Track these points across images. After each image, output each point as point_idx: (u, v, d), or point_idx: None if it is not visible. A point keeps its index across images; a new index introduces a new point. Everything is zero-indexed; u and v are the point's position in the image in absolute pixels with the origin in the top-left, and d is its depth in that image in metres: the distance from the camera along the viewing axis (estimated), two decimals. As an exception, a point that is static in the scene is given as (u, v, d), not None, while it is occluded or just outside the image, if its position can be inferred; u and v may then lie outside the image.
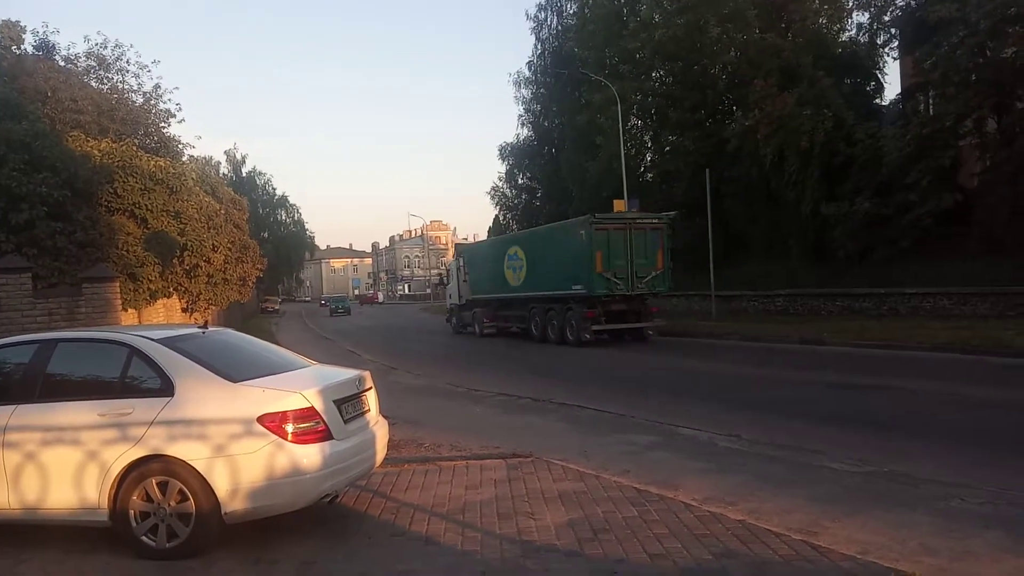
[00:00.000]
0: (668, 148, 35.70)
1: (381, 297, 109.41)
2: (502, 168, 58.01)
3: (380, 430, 6.14)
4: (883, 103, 31.35)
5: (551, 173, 48.81)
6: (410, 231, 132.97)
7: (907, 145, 23.77)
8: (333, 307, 66.11)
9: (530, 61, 51.17)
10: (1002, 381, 12.28)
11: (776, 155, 27.60)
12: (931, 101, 25.95)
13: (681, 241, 33.82)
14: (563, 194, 45.95)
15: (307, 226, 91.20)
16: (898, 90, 30.73)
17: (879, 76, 31.66)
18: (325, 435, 5.17)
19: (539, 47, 49.98)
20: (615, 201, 31.99)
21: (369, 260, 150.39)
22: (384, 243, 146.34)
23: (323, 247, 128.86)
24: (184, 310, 19.63)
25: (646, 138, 38.80)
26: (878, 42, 30.82)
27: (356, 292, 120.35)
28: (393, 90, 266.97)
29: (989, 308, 22.00)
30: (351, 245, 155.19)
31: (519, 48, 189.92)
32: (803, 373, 14.24)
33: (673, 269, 24.24)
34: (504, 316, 26.94)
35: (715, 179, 29.36)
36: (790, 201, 27.95)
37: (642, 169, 38.37)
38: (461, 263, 30.84)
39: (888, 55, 31.20)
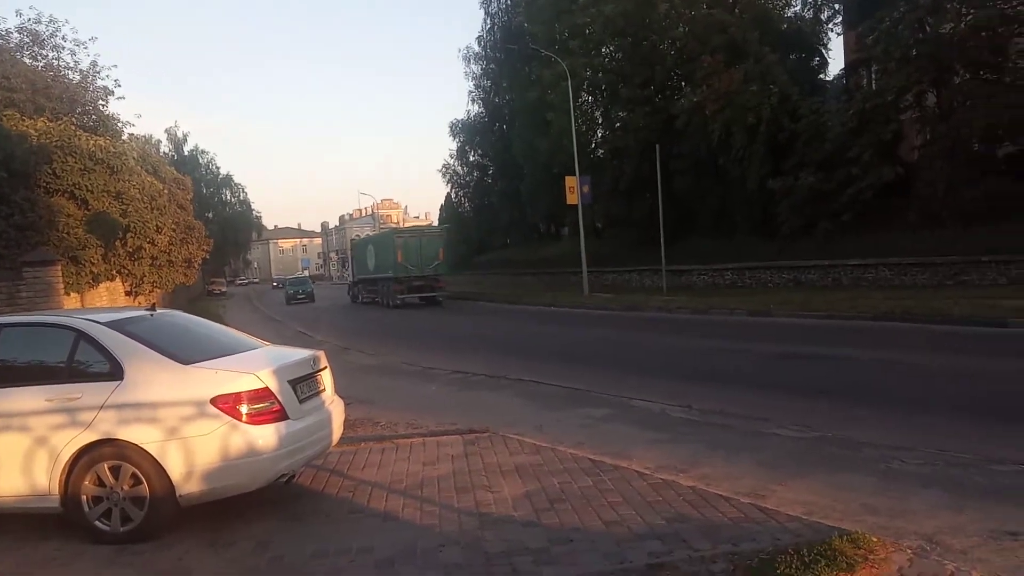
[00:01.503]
0: (618, 124, 35.89)
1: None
2: (453, 145, 57.81)
3: (336, 409, 6.13)
4: (827, 79, 32.04)
5: (502, 150, 48.72)
6: (360, 210, 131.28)
7: (850, 120, 24.36)
8: (292, 291, 47.21)
9: (480, 36, 50.87)
10: (941, 348, 12.76)
11: (723, 131, 28.01)
12: (873, 76, 26.58)
13: (632, 217, 34.25)
14: (515, 171, 45.94)
15: (254, 206, 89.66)
16: (842, 65, 31.43)
17: (823, 52, 32.34)
18: (280, 415, 5.15)
19: (489, 22, 49.67)
20: (567, 178, 32.13)
21: (319, 240, 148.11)
22: (334, 222, 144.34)
23: (271, 227, 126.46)
24: (128, 293, 19.15)
25: (597, 114, 38.96)
26: (822, 18, 31.47)
27: (306, 272, 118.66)
28: (341, 66, 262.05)
29: (928, 278, 22.81)
30: (300, 225, 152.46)
31: (470, 23, 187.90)
32: (752, 344, 14.59)
33: (460, 258, 44.44)
34: (370, 290, 38.93)
35: (665, 155, 29.71)
36: (737, 177, 28.45)
37: (593, 145, 38.55)
38: (349, 254, 47.87)
39: (832, 31, 31.90)
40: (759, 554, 4.20)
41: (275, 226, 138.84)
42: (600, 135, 39.16)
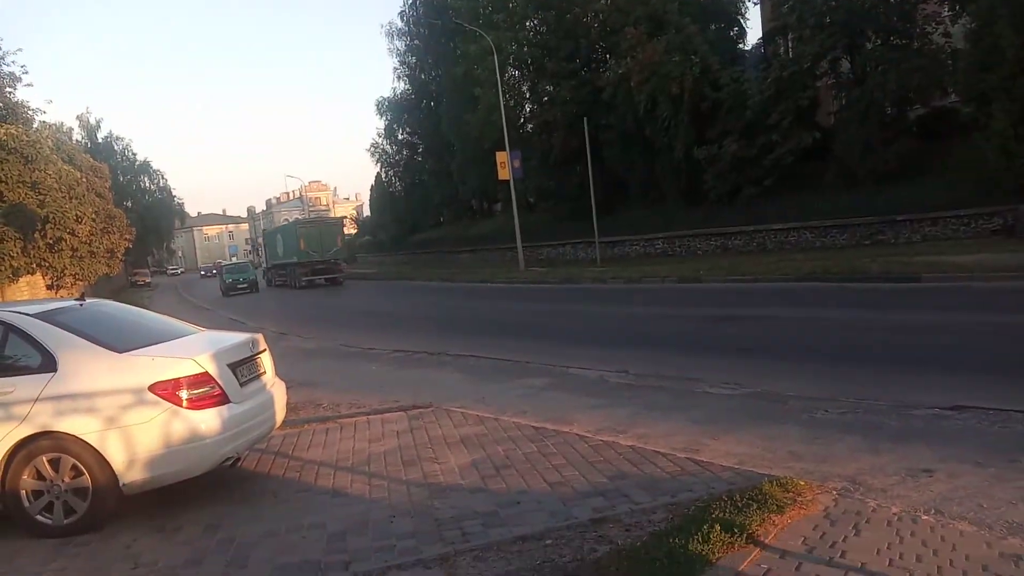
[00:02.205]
0: (546, 98, 36.05)
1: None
2: (381, 124, 57.04)
3: (278, 391, 6.12)
4: (746, 48, 32.80)
5: (431, 127, 48.37)
6: (288, 194, 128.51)
7: (768, 88, 25.09)
8: (231, 280, 40.48)
9: (402, 11, 50.15)
10: (860, 304, 13.41)
11: (649, 102, 28.47)
12: (790, 44, 27.37)
13: (564, 190, 34.56)
14: (445, 147, 45.74)
15: (175, 192, 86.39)
16: (759, 35, 32.19)
17: (741, 22, 33.07)
18: (221, 399, 5.13)
19: (410, -4, 48.90)
20: (498, 153, 32.16)
21: (245, 226, 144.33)
22: (261, 207, 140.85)
23: (194, 214, 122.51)
24: (49, 287, 18.43)
25: (524, 88, 39.02)
26: (740, -12, 32.03)
27: (234, 259, 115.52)
28: (260, 46, 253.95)
29: (847, 238, 23.82)
30: (225, 211, 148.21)
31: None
32: (684, 309, 15.03)
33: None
34: (281, 274, 42.89)
35: (593, 127, 30.02)
36: (664, 146, 29.01)
37: (522, 120, 38.65)
38: (262, 242, 54.43)
39: (749, 1, 32.55)
40: (695, 503, 4.44)
41: (199, 213, 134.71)
42: (529, 109, 39.29)
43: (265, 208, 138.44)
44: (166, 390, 4.89)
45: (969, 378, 7.23)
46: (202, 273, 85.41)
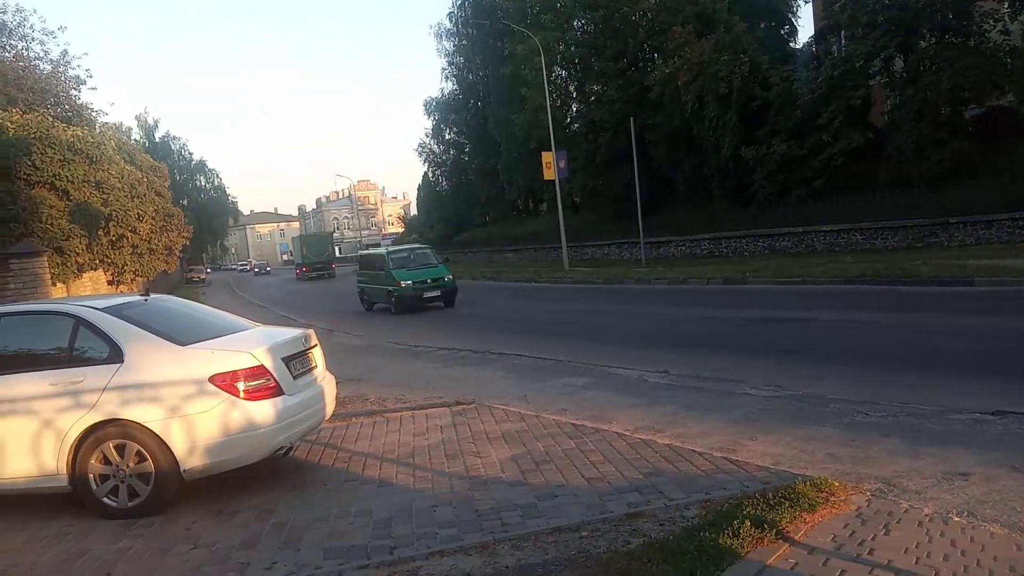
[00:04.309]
0: (593, 98, 36.06)
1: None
2: (428, 124, 57.70)
3: (328, 385, 6.40)
4: (796, 46, 32.35)
5: (478, 127, 48.74)
6: (337, 192, 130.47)
7: (819, 87, 24.73)
8: (411, 287, 39.12)
9: (451, 12, 50.54)
10: (909, 307, 13.23)
11: (696, 101, 28.29)
12: (842, 43, 26.93)
13: (609, 190, 34.54)
14: (491, 147, 46.02)
15: (228, 191, 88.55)
16: (811, 33, 31.71)
17: (792, 20, 32.66)
18: (276, 391, 5.41)
19: (459, -2, 49.30)
20: (543, 153, 32.31)
21: (296, 224, 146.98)
22: (311, 206, 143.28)
23: (247, 212, 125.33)
24: (110, 283, 19.19)
25: (571, 88, 39.13)
26: (791, -15, 31.62)
27: (285, 257, 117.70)
28: (311, 47, 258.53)
29: (899, 240, 23.36)
30: (276, 209, 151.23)
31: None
32: (727, 311, 14.99)
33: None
34: (302, 271, 56.86)
35: (639, 127, 29.94)
36: (711, 146, 28.80)
37: (568, 120, 38.74)
38: (290, 245, 75.51)
39: (800, -2, 32.08)
40: (729, 500, 4.55)
41: (251, 211, 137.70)
42: (575, 109, 39.36)
43: (315, 207, 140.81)
44: (225, 381, 5.18)
45: (1014, 383, 7.15)
46: (256, 270, 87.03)
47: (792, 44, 32.47)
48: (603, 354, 10.96)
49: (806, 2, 32.25)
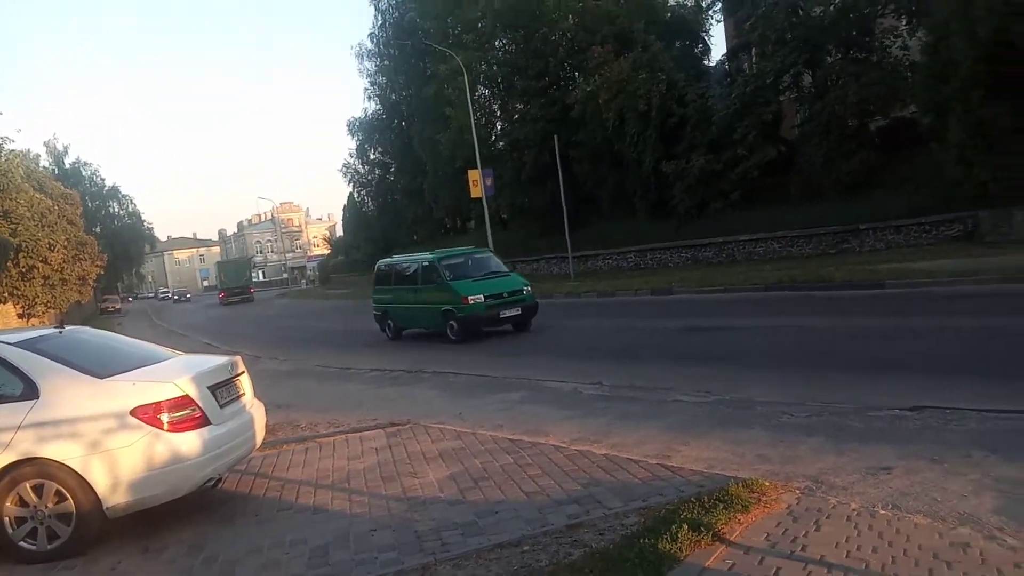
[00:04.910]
0: (516, 116, 36.39)
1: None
2: (352, 144, 57.04)
3: (257, 412, 6.22)
4: (711, 64, 33.43)
5: (403, 146, 48.54)
6: (260, 215, 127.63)
7: (733, 103, 25.62)
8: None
9: (371, 33, 50.23)
10: (826, 311, 13.77)
11: (617, 118, 28.89)
12: (753, 60, 27.99)
13: (536, 206, 34.88)
14: (417, 166, 45.86)
15: (144, 217, 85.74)
16: (724, 51, 32.85)
17: (705, 39, 33.74)
18: (202, 421, 5.22)
19: (380, 18, 49.16)
20: (470, 171, 32.42)
21: (217, 249, 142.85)
22: (232, 229, 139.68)
23: (164, 239, 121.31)
24: (21, 316, 18.24)
25: (495, 107, 39.39)
26: (703, 5, 32.76)
27: (205, 284, 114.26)
28: (229, 68, 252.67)
29: (813, 248, 24.31)
30: (195, 234, 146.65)
31: (360, 19, 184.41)
32: (656, 321, 15.29)
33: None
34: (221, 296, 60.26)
35: (563, 144, 30.38)
36: (633, 161, 29.43)
37: (493, 138, 38.95)
38: (211, 271, 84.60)
39: (712, 18, 33.29)
40: (666, 506, 4.62)
41: (168, 237, 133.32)
42: (499, 127, 39.62)
43: (237, 231, 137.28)
44: (147, 414, 4.98)
45: (928, 379, 7.53)
46: (175, 298, 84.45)
47: (706, 62, 33.51)
48: (536, 367, 11.04)
49: (718, 22, 33.44)
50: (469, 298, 14.99)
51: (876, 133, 25.06)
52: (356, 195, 60.42)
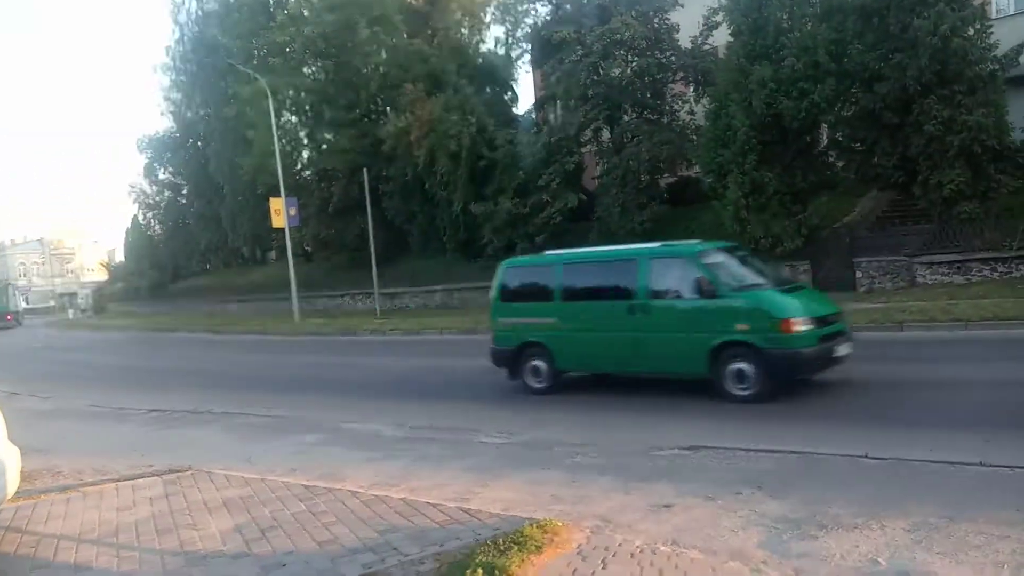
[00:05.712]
0: (325, 146, 35.63)
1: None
2: (141, 162, 52.98)
3: (9, 459, 5.44)
4: (519, 112, 34.81)
5: (198, 168, 45.81)
6: (24, 235, 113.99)
7: (539, 151, 26.80)
8: None
9: (168, 47, 47.21)
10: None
11: (428, 156, 29.17)
12: (558, 112, 29.50)
13: (343, 239, 34.19)
14: (213, 190, 43.52)
15: None
16: (532, 100, 34.38)
17: (514, 88, 35.12)
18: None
19: (178, 32, 46.40)
20: (272, 199, 31.26)
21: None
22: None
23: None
24: None
25: (302, 135, 38.23)
26: (512, 55, 34.13)
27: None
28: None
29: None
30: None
31: (159, 32, 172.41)
32: (461, 361, 15.40)
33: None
34: None
35: (373, 178, 30.14)
36: (443, 200, 29.78)
37: (299, 166, 37.81)
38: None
39: (521, 68, 34.78)
40: (462, 551, 4.59)
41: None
42: (307, 156, 38.52)
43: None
44: None
45: (704, 421, 8.15)
46: None
47: (515, 109, 34.76)
48: (336, 408, 10.72)
49: (527, 72, 34.96)
50: (792, 322, 8.65)
51: (666, 188, 27.24)
52: (142, 217, 56.00)
